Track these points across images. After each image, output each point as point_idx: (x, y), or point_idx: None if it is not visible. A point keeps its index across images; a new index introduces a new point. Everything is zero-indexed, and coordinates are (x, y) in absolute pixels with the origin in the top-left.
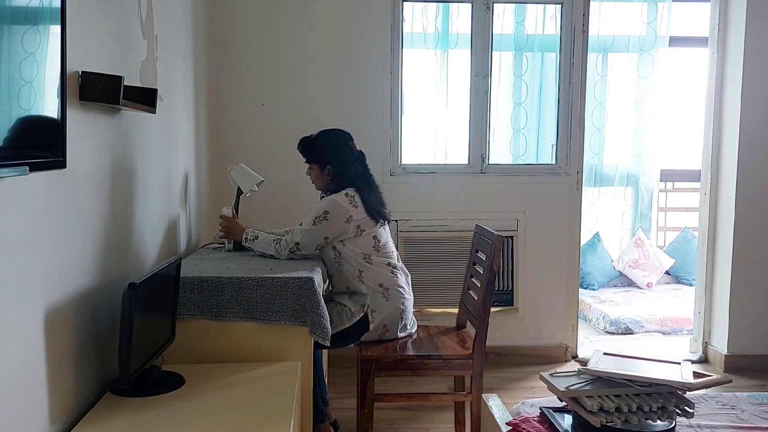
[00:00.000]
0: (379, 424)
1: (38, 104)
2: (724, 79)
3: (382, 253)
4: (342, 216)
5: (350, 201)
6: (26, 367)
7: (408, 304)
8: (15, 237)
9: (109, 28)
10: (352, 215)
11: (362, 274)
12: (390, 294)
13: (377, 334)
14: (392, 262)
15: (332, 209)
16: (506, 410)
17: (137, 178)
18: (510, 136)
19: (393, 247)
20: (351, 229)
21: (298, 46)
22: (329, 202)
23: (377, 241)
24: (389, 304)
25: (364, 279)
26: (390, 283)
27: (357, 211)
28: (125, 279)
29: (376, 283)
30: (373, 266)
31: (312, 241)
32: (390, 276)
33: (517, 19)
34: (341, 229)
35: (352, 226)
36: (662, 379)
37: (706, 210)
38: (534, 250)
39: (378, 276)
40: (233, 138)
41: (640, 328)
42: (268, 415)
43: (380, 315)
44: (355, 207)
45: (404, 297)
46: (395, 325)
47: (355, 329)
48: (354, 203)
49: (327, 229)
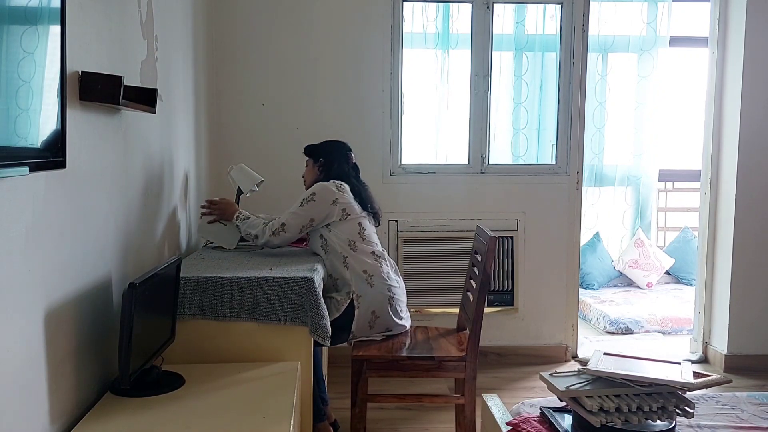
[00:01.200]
0: (378, 424)
1: (38, 104)
2: (724, 79)
3: (367, 241)
4: (328, 197)
5: (336, 186)
6: (26, 367)
7: (397, 292)
8: (15, 237)
9: (109, 28)
10: (337, 198)
11: (347, 260)
12: (374, 281)
13: (367, 321)
14: (377, 251)
15: (319, 191)
16: (506, 410)
17: (137, 178)
18: (510, 136)
19: (377, 239)
20: (336, 212)
21: (299, 46)
22: (316, 185)
23: (362, 228)
24: (374, 290)
25: (349, 264)
26: (374, 270)
27: (343, 195)
28: (125, 279)
29: (361, 269)
30: (357, 253)
31: (298, 222)
32: (374, 264)
33: (517, 19)
34: (327, 210)
35: (338, 209)
36: (662, 379)
37: (706, 210)
38: (534, 250)
39: (362, 263)
40: (233, 138)
41: (640, 328)
42: (268, 415)
43: (366, 301)
44: (341, 192)
45: (391, 284)
46: (385, 312)
47: (344, 318)
48: (341, 189)
49: (313, 210)
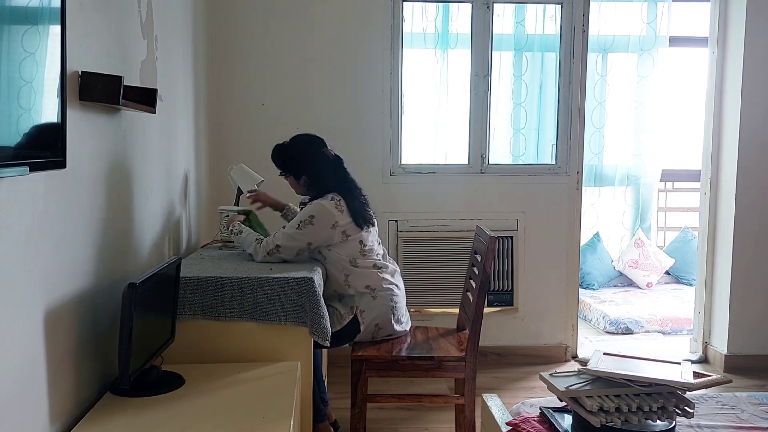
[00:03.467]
0: (379, 424)
1: (38, 104)
2: (724, 79)
3: (368, 256)
4: (328, 221)
5: (336, 205)
6: (26, 367)
7: (398, 300)
8: (15, 237)
9: (109, 28)
10: (337, 221)
11: (348, 278)
12: (377, 294)
13: (370, 333)
14: (378, 263)
15: (318, 213)
16: (506, 410)
17: (137, 178)
18: (510, 136)
19: (379, 247)
20: (337, 235)
21: (298, 46)
22: (315, 206)
23: (363, 246)
24: (377, 303)
25: (351, 282)
26: (377, 284)
27: (342, 216)
28: (125, 279)
29: (363, 285)
30: (359, 269)
31: (294, 245)
32: (377, 277)
33: (517, 19)
34: (327, 234)
35: (338, 232)
36: (662, 379)
37: (706, 210)
38: (534, 250)
39: (364, 279)
40: (233, 138)
41: (640, 328)
42: (268, 415)
43: (370, 315)
44: (341, 212)
45: (393, 293)
46: (388, 322)
47: (346, 331)
48: (340, 208)
49: (312, 235)
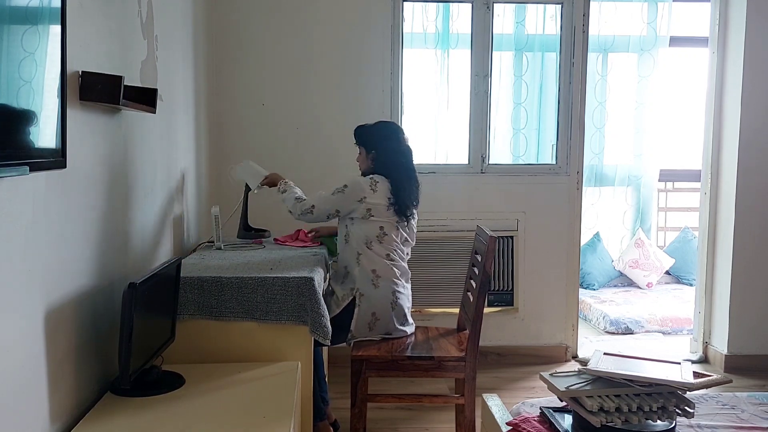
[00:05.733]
0: (379, 424)
1: (38, 104)
2: (724, 79)
3: (385, 245)
4: (357, 194)
5: (371, 185)
6: (26, 367)
7: (400, 297)
8: (15, 237)
9: (109, 28)
10: (366, 197)
11: (360, 256)
12: (380, 282)
13: (366, 322)
14: (392, 255)
15: (351, 185)
16: (506, 410)
17: (137, 178)
18: (510, 136)
19: (404, 245)
20: (361, 210)
21: (298, 46)
22: (352, 178)
23: (382, 232)
24: (378, 292)
25: (361, 261)
26: (384, 272)
27: (374, 196)
28: (125, 279)
29: (370, 268)
30: (372, 252)
31: (326, 208)
32: (386, 266)
33: (517, 19)
34: (352, 206)
35: (363, 207)
36: (662, 379)
37: (706, 210)
38: (534, 250)
39: (373, 263)
40: (233, 138)
41: (640, 328)
42: (268, 415)
43: (368, 301)
44: (374, 191)
45: (397, 289)
46: (386, 316)
47: (344, 315)
48: (374, 188)
49: (340, 202)
